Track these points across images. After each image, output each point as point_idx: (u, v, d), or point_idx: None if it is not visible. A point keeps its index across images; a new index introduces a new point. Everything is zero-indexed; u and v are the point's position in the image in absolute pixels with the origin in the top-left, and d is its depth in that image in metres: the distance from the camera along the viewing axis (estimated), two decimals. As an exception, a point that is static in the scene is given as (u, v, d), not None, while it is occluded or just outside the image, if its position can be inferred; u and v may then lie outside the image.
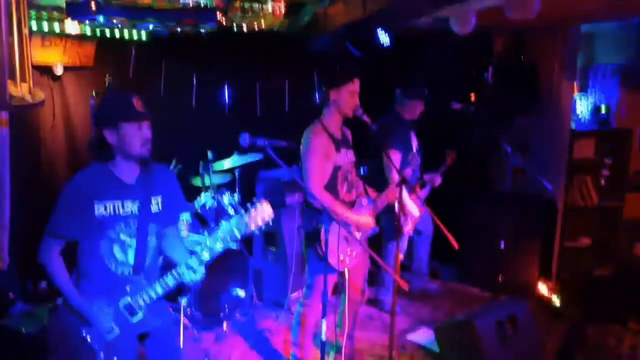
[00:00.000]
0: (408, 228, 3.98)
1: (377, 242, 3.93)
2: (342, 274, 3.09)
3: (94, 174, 2.13)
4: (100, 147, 2.09)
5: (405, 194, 3.80)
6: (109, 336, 2.10)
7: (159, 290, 2.15)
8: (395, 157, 3.81)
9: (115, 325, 2.11)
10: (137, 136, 2.08)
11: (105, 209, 2.11)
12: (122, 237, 2.15)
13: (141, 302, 2.14)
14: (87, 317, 2.08)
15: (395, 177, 3.51)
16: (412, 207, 3.85)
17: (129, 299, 2.14)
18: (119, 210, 2.13)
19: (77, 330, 2.09)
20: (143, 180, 2.19)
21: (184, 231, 3.72)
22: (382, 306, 4.27)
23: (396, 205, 3.83)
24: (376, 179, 3.55)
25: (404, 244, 4.15)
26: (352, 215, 2.97)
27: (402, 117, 4.06)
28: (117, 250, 2.15)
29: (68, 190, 2.11)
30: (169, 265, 2.30)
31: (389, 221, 3.92)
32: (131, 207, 2.16)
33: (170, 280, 2.16)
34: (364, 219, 3.01)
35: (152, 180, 2.21)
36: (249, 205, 2.12)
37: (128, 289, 2.14)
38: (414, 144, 4.09)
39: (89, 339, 2.08)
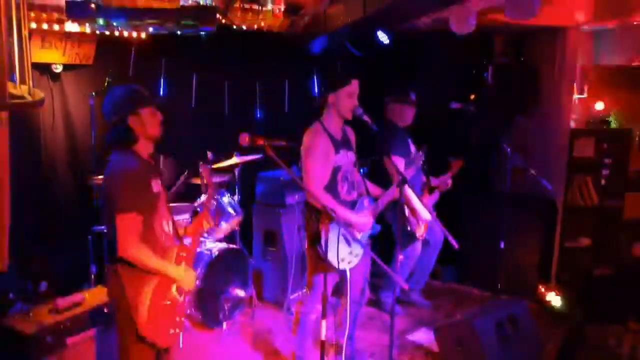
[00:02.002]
0: (420, 232, 3.98)
1: (380, 243, 3.93)
2: (342, 274, 3.09)
3: (133, 158, 2.28)
4: (127, 134, 2.26)
5: (414, 198, 3.79)
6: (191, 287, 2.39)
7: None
8: (398, 161, 3.78)
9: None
10: (154, 118, 2.32)
11: (156, 185, 2.32)
12: (163, 211, 2.36)
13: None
14: (182, 282, 2.32)
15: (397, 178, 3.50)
16: (423, 211, 3.84)
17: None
18: (158, 186, 2.34)
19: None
20: (155, 163, 2.45)
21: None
22: (383, 307, 4.27)
23: (406, 209, 3.84)
24: (379, 179, 3.54)
25: (416, 249, 4.14)
26: (352, 216, 2.97)
27: (395, 124, 4.04)
28: (164, 223, 2.35)
29: (126, 172, 2.22)
30: None
31: (400, 228, 3.94)
32: (160, 184, 2.37)
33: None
34: (363, 219, 3.01)
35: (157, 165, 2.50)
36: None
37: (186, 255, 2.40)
38: (412, 149, 4.07)
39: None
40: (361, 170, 3.28)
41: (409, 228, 3.92)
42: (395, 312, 2.99)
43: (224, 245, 3.93)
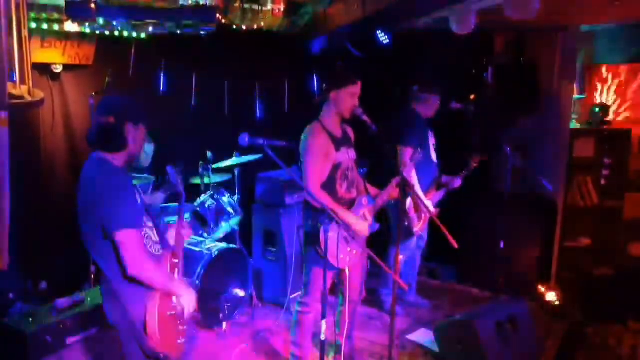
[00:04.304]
0: (417, 228, 3.96)
1: (379, 242, 3.92)
2: (340, 273, 3.09)
3: (117, 167, 2.18)
4: (120, 139, 2.15)
5: (419, 191, 3.79)
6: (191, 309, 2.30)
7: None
8: (406, 152, 3.78)
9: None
10: (144, 139, 2.25)
11: (138, 196, 2.24)
12: (145, 219, 2.27)
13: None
14: (184, 300, 2.25)
15: (407, 169, 3.49)
16: (428, 204, 3.84)
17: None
18: (139, 196, 2.27)
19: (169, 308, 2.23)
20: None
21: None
22: (383, 306, 4.27)
23: (407, 202, 3.83)
24: (378, 177, 3.54)
25: (410, 246, 4.13)
26: (349, 217, 2.96)
27: (419, 113, 4.03)
28: (149, 232, 2.28)
29: (117, 183, 2.11)
30: None
31: (398, 220, 3.92)
32: (139, 193, 2.31)
33: None
34: (360, 225, 2.99)
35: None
36: None
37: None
38: (431, 142, 4.06)
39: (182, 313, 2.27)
40: (360, 170, 3.28)
41: (406, 223, 3.90)
42: (395, 312, 2.97)
43: (223, 245, 3.93)
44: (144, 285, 2.11)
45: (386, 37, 4.34)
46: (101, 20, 3.14)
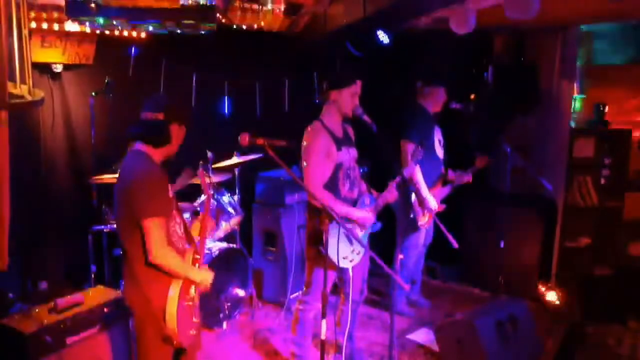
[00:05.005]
0: (423, 222, 3.93)
1: (379, 241, 3.92)
2: (342, 273, 3.09)
3: (151, 162, 2.29)
4: (164, 134, 2.28)
5: (424, 186, 3.78)
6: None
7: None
8: (408, 147, 3.77)
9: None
10: (181, 138, 2.39)
11: (170, 190, 2.34)
12: (175, 215, 2.38)
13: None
14: (203, 283, 2.37)
15: (408, 167, 3.48)
16: (431, 200, 3.82)
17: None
18: (171, 190, 2.36)
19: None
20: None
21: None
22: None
23: (413, 197, 3.82)
24: (379, 177, 3.53)
25: (417, 240, 4.11)
26: (353, 211, 2.97)
27: (425, 109, 3.98)
28: (177, 227, 2.38)
29: (151, 175, 2.23)
30: None
31: (403, 215, 3.89)
32: (171, 188, 2.40)
33: None
34: (364, 214, 3.02)
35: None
36: None
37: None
38: (437, 137, 4.02)
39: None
40: (360, 170, 3.28)
41: (411, 215, 3.88)
42: (401, 312, 2.95)
43: (224, 245, 3.93)
44: (165, 272, 2.22)
45: (386, 37, 4.35)
46: (101, 20, 3.14)
